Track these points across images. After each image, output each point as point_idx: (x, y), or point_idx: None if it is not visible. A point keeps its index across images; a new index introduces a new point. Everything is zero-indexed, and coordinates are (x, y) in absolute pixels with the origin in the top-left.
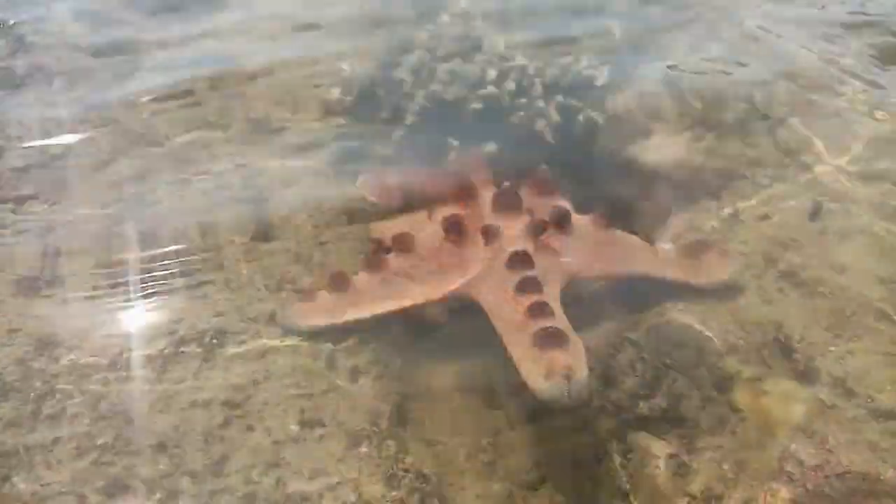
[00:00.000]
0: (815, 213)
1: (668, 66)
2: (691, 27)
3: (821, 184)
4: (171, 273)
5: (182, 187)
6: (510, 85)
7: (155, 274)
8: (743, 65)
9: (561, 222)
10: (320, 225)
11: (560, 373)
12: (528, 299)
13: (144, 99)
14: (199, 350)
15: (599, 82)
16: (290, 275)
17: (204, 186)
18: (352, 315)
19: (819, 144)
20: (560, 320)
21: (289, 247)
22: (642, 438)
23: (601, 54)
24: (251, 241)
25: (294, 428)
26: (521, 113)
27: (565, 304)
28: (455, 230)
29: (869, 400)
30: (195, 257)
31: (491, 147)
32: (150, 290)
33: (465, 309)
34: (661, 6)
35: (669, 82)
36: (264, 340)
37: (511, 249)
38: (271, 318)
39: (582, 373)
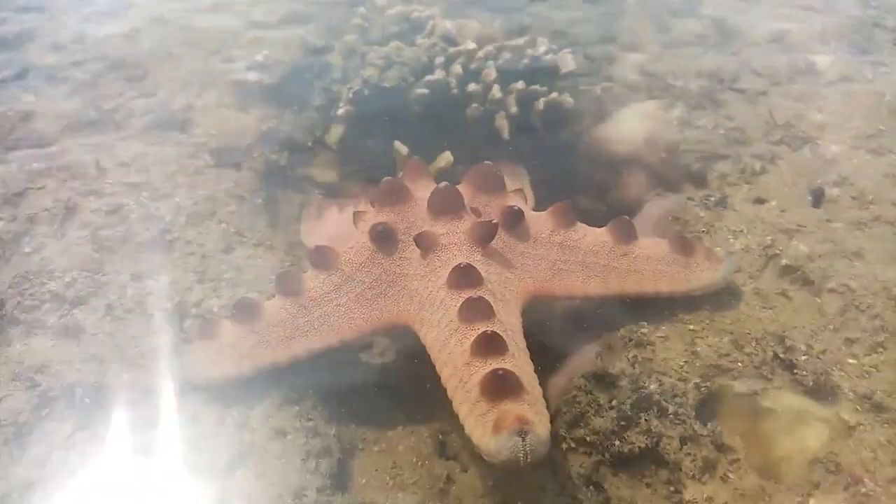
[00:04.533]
0: (818, 199)
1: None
2: None
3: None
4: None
5: None
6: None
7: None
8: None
9: (513, 224)
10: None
11: (513, 428)
12: (475, 330)
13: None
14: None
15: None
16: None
17: None
18: (263, 361)
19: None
20: (517, 355)
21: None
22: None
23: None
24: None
25: None
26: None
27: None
28: (384, 240)
29: None
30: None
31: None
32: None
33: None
34: None
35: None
36: (156, 402)
37: (453, 264)
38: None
39: (541, 427)
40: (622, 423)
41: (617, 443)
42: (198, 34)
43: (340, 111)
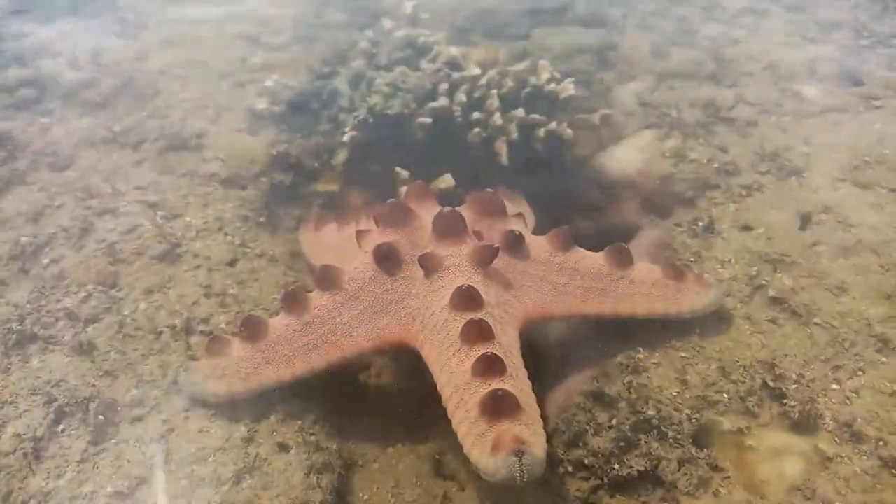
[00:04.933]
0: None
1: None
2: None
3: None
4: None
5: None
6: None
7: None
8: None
9: (514, 248)
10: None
11: (510, 448)
12: (475, 351)
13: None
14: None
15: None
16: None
17: None
18: (268, 378)
19: (800, 147)
20: (516, 377)
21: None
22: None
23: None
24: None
25: None
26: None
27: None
28: (388, 260)
29: (881, 444)
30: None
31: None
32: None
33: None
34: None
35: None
36: (164, 416)
37: (455, 285)
38: (174, 382)
39: (538, 448)
40: (622, 444)
41: (616, 466)
42: (208, 57)
43: (346, 137)
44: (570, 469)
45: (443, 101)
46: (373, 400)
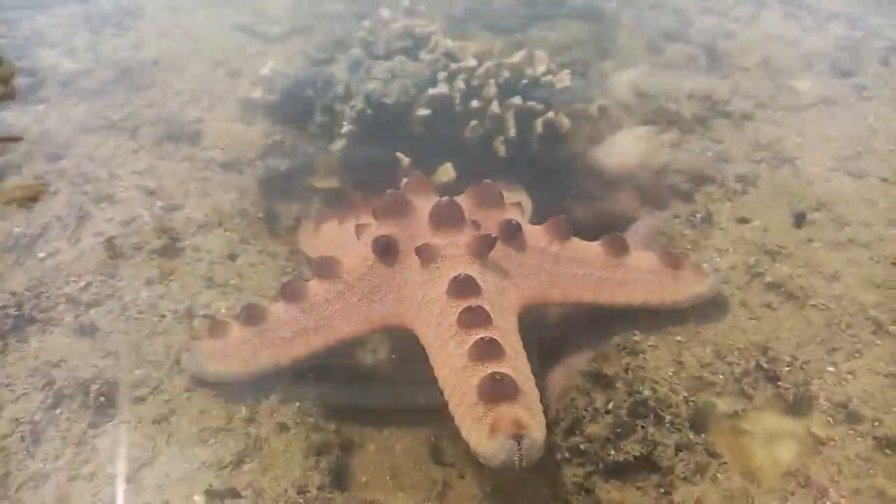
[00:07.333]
0: (800, 220)
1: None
2: None
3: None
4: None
5: None
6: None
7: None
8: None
9: (511, 237)
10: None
11: (509, 431)
12: (473, 336)
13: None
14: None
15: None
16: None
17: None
18: (268, 359)
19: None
20: (514, 360)
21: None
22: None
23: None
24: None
25: (198, 500)
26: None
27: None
28: (386, 251)
29: (876, 424)
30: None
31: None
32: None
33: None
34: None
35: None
36: (166, 397)
37: (452, 274)
38: (176, 362)
39: (537, 431)
40: (618, 429)
41: (612, 452)
42: (203, 46)
43: (344, 129)
44: (566, 455)
45: (442, 88)
46: (370, 381)
